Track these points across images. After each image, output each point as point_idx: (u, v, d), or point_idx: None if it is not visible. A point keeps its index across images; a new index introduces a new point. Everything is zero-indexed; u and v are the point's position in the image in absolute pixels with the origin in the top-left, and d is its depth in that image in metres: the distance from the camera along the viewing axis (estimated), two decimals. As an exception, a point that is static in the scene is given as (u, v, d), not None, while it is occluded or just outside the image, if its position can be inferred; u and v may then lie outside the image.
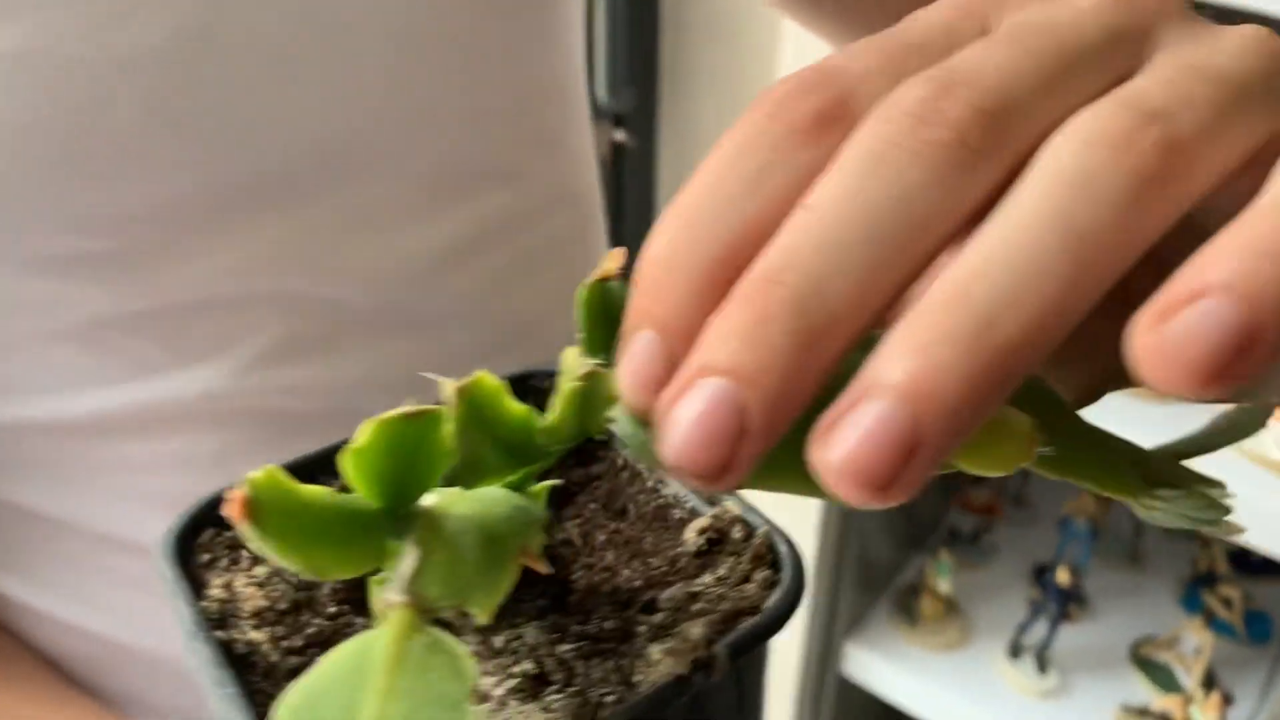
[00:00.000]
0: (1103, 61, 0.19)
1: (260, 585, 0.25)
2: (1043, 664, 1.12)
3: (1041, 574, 1.18)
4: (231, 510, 0.17)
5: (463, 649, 0.17)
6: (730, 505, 0.24)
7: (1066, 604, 1.12)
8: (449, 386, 0.19)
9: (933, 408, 0.16)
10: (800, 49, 0.88)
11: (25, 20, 0.35)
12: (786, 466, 0.18)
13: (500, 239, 0.48)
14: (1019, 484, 1.33)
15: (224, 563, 0.26)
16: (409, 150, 0.44)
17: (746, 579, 0.23)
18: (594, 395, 0.20)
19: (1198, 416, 0.28)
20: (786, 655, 1.19)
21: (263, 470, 0.17)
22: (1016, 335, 0.16)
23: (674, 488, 0.25)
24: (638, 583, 0.23)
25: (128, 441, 0.43)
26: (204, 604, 0.25)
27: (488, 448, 0.20)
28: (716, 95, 1.09)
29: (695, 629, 0.21)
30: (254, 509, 0.17)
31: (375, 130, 0.43)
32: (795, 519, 1.11)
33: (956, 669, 1.15)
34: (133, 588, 0.46)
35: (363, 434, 0.19)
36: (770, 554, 0.23)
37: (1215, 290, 0.15)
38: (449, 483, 0.20)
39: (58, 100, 0.36)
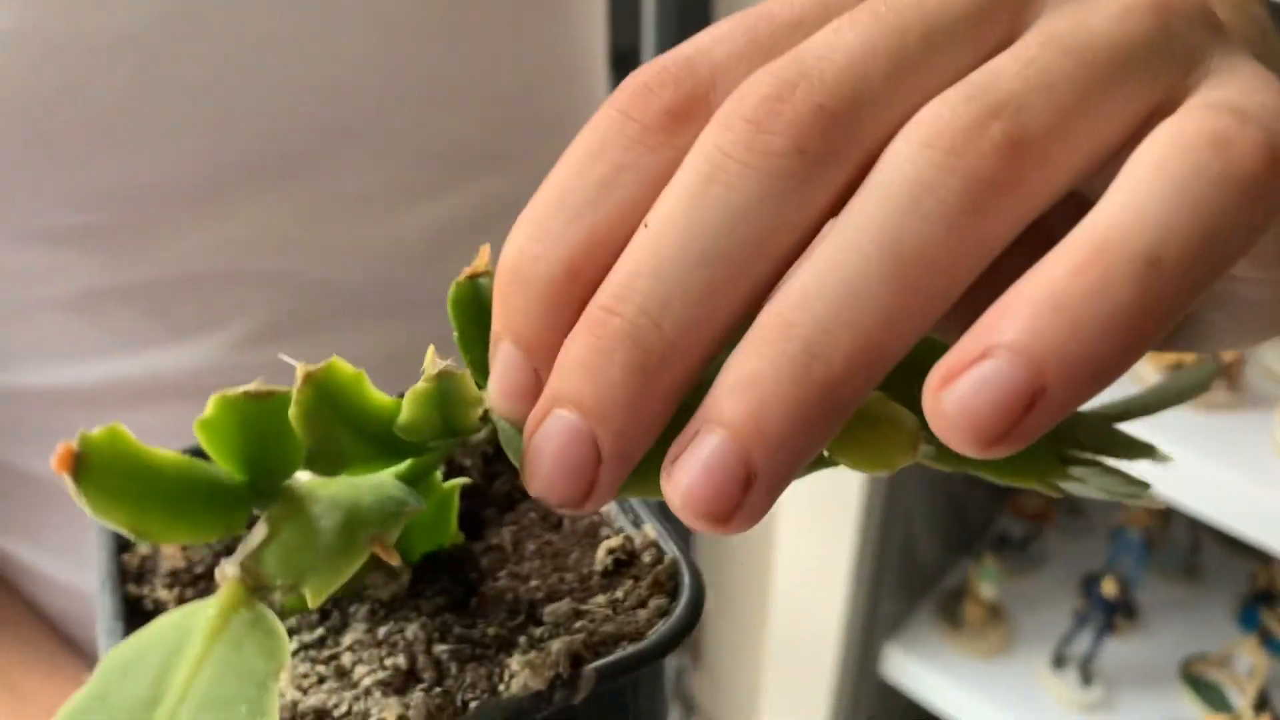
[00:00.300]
0: (971, 36, 0.18)
1: (184, 548, 0.26)
2: (1087, 676, 1.09)
3: (1090, 584, 1.15)
4: (56, 463, 0.17)
5: (281, 630, 0.17)
6: (649, 529, 0.24)
7: (1113, 615, 1.09)
8: (300, 370, 0.19)
9: (762, 441, 0.16)
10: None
11: (13, 1, 0.35)
12: (651, 473, 0.18)
13: (498, 223, 0.48)
14: (1073, 491, 1.29)
15: None
16: (403, 132, 0.44)
17: (642, 604, 0.22)
18: (452, 394, 0.20)
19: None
20: (823, 653, 1.18)
21: (103, 428, 0.18)
22: (839, 368, 0.15)
23: (610, 508, 0.25)
24: (539, 595, 0.23)
25: (120, 412, 0.44)
26: (125, 557, 0.25)
27: (347, 437, 0.20)
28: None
29: (556, 645, 0.21)
30: (79, 463, 0.17)
31: (368, 111, 0.43)
32: (835, 518, 1.10)
33: (998, 676, 1.12)
34: None
35: (210, 407, 0.19)
36: (671, 582, 0.23)
37: (1000, 350, 0.15)
38: (310, 466, 0.20)
39: (43, 79, 0.37)
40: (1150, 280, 0.15)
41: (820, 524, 1.12)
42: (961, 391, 0.15)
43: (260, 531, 0.19)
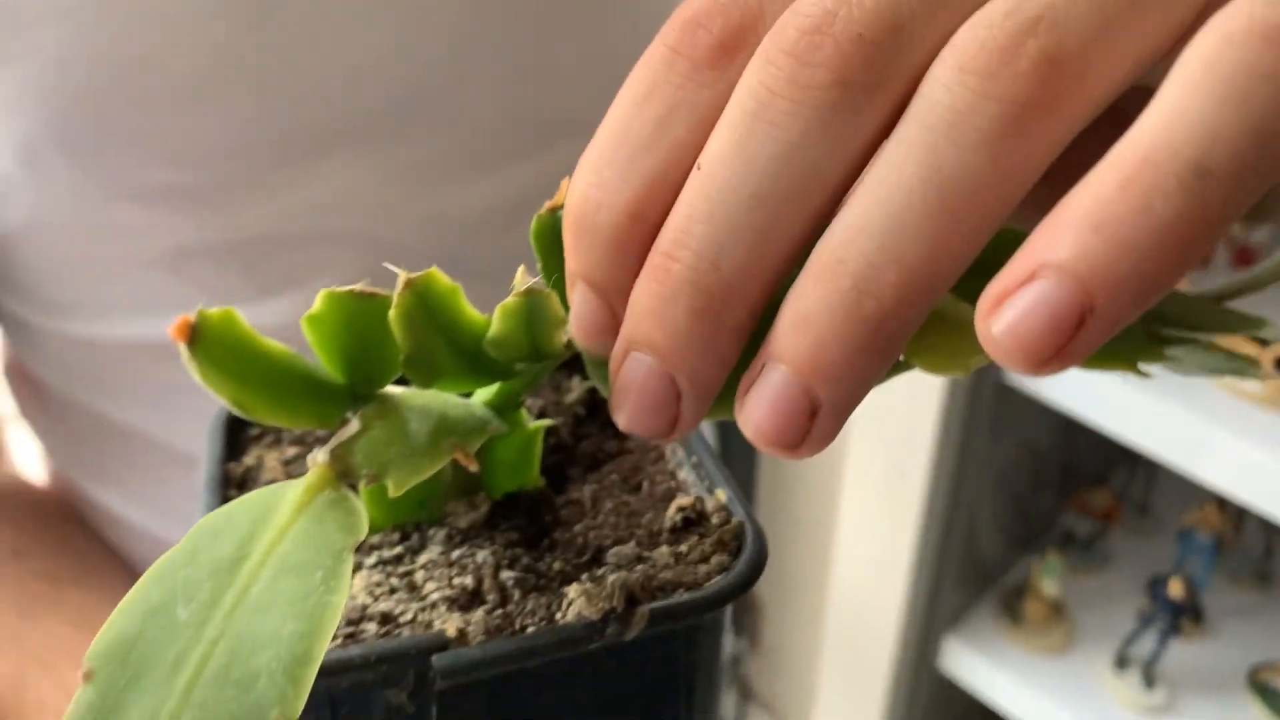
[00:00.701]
0: None
1: (285, 464, 0.27)
2: (1150, 678, 1.08)
3: (1156, 585, 1.14)
4: (174, 331, 0.19)
5: (361, 510, 0.19)
6: (720, 494, 0.25)
7: (1178, 617, 1.08)
8: (401, 276, 0.20)
9: (821, 376, 0.16)
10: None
11: None
12: (730, 397, 0.19)
13: None
14: (1143, 490, 1.27)
15: (268, 440, 0.28)
16: (481, 99, 0.45)
17: (705, 559, 0.23)
18: (539, 312, 0.21)
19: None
20: (882, 643, 1.18)
21: (220, 309, 0.19)
22: (890, 302, 0.16)
23: (688, 475, 0.26)
24: (607, 541, 0.24)
25: None
26: (230, 465, 0.27)
27: (441, 346, 0.21)
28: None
29: (612, 578, 0.21)
30: (194, 334, 0.19)
31: (447, 78, 0.44)
32: (897, 509, 1.10)
33: (1059, 674, 1.11)
34: None
35: (318, 302, 0.20)
36: (735, 542, 0.23)
37: (1047, 270, 0.15)
38: (407, 369, 0.21)
39: (139, 39, 0.39)
40: (1200, 191, 0.14)
41: (883, 514, 1.12)
42: (1010, 316, 0.15)
43: (353, 426, 0.20)
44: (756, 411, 0.17)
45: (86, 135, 0.40)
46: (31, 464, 0.58)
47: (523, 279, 0.21)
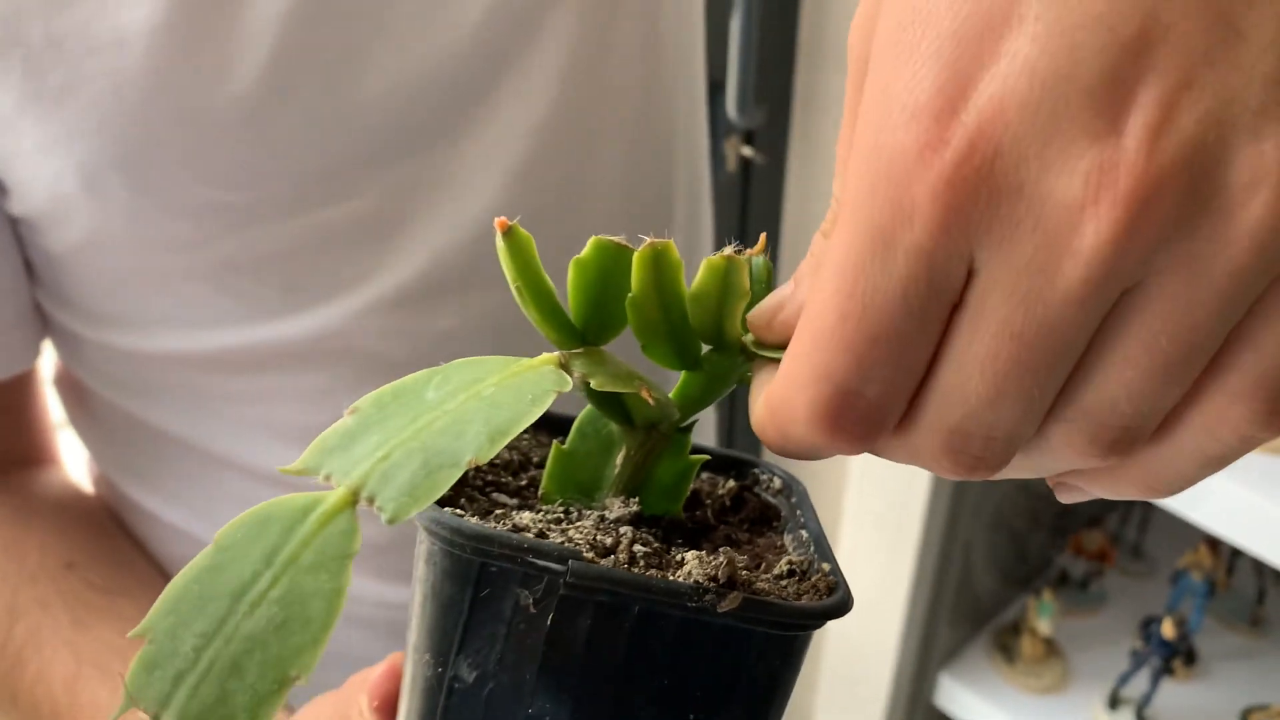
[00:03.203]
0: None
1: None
2: (1143, 719, 1.09)
3: (1149, 626, 1.15)
4: (499, 221, 0.25)
5: (569, 380, 0.25)
6: (825, 566, 0.28)
7: (1171, 658, 1.09)
8: (648, 240, 0.25)
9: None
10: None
11: None
12: None
13: (589, 202, 0.51)
14: (1137, 532, 1.29)
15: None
16: (510, 114, 0.47)
17: (799, 595, 0.26)
18: (732, 278, 0.24)
19: None
20: (878, 679, 1.19)
21: (525, 232, 0.25)
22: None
23: (804, 552, 0.29)
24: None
25: (249, 374, 0.48)
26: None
27: (657, 307, 0.26)
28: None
29: (724, 552, 0.24)
30: (509, 232, 0.25)
31: (477, 93, 0.46)
32: (894, 546, 1.11)
33: (1053, 712, 1.12)
34: (247, 506, 0.51)
35: (588, 248, 0.26)
36: (829, 590, 0.26)
37: None
38: (631, 309, 0.26)
39: (192, 65, 0.41)
40: None
41: (879, 550, 1.14)
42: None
43: (581, 350, 0.26)
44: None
45: (143, 158, 0.42)
46: (79, 468, 0.60)
47: (720, 254, 0.25)
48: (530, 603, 0.24)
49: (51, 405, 0.58)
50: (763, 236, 0.28)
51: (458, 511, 0.25)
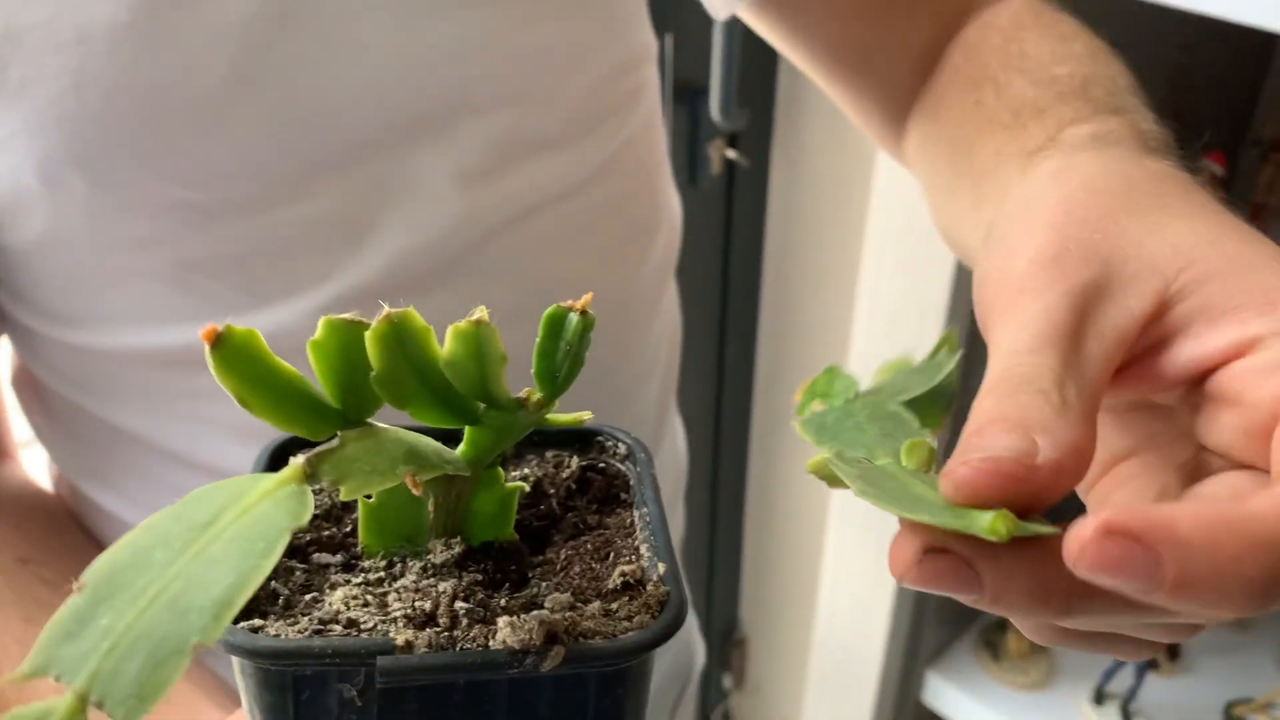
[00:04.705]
0: None
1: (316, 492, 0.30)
2: (1127, 714, 1.10)
3: (1134, 622, 1.16)
4: (204, 334, 0.23)
5: (310, 503, 0.23)
6: (661, 566, 0.27)
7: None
8: (384, 309, 0.24)
9: None
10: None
11: None
12: None
13: (554, 204, 0.52)
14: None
15: None
16: (470, 120, 0.48)
17: (629, 618, 0.26)
18: (485, 346, 0.24)
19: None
20: (866, 678, 1.19)
21: (245, 329, 0.24)
22: None
23: (646, 549, 0.29)
24: (556, 591, 0.27)
25: (206, 373, 0.48)
26: None
27: (410, 375, 0.25)
28: (828, 121, 1.12)
29: (535, 614, 0.24)
30: (219, 341, 0.23)
31: (439, 100, 0.47)
32: (881, 545, 1.12)
33: (1039, 709, 1.13)
34: None
35: (319, 329, 0.24)
36: (660, 608, 0.26)
37: None
38: (377, 388, 0.25)
39: (154, 66, 0.41)
40: None
41: (867, 549, 1.14)
42: None
43: (334, 442, 0.24)
44: None
45: (104, 155, 0.42)
46: (38, 468, 0.60)
47: (477, 311, 0.24)
48: (354, 695, 0.24)
49: (9, 404, 0.57)
50: (587, 296, 0.26)
51: (255, 623, 0.24)
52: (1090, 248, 0.28)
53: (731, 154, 1.14)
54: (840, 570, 1.19)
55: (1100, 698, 1.11)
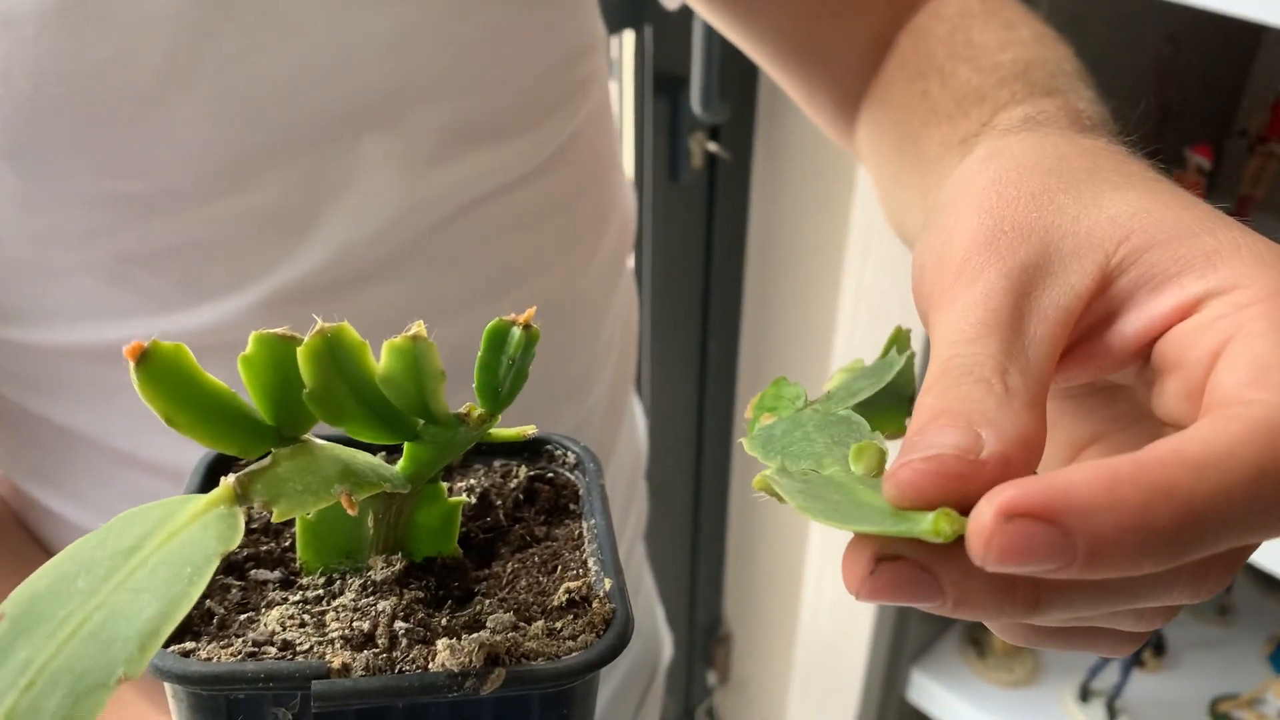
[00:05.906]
0: None
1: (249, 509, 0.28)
2: (1113, 711, 1.09)
3: (1119, 618, 1.15)
4: (128, 351, 0.22)
5: (240, 525, 0.21)
6: (607, 582, 0.27)
7: (1141, 650, 1.09)
8: (317, 324, 0.23)
9: None
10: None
11: None
12: None
13: (502, 194, 0.51)
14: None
15: None
16: (416, 108, 0.47)
17: (573, 637, 0.25)
18: (423, 361, 0.23)
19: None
20: (850, 675, 1.19)
21: (173, 344, 0.22)
22: None
23: (594, 564, 0.28)
24: (499, 610, 0.26)
25: None
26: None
27: (345, 391, 0.24)
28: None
29: (475, 636, 0.23)
30: (144, 357, 0.22)
31: (385, 88, 0.45)
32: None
33: (1024, 706, 1.13)
34: (149, 501, 0.50)
35: (250, 344, 0.23)
36: (604, 626, 0.25)
37: None
38: (311, 405, 0.23)
39: (90, 52, 0.40)
40: None
41: (850, 546, 1.14)
42: None
43: (266, 460, 0.23)
44: None
45: (35, 146, 0.41)
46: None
47: (415, 326, 0.23)
48: (291, 718, 0.23)
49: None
50: (530, 310, 0.25)
51: (188, 645, 0.23)
52: (1025, 226, 0.26)
53: (713, 147, 1.13)
54: (824, 566, 1.18)
55: (1086, 694, 1.11)
